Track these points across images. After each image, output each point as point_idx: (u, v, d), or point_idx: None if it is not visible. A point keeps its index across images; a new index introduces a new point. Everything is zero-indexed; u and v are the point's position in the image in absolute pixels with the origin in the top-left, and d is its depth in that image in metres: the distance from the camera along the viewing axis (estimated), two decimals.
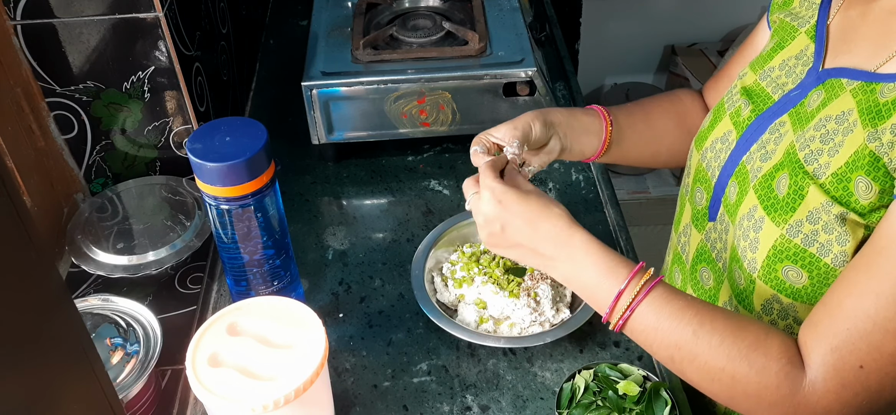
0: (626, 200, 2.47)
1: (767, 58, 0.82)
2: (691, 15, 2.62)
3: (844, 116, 0.68)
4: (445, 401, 0.86)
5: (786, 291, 0.72)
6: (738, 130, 0.80)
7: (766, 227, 0.71)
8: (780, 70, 0.79)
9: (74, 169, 1.06)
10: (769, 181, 0.73)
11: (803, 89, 0.74)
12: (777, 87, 0.78)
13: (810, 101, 0.72)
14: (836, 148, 0.67)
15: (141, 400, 0.80)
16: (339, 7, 1.28)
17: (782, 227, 0.70)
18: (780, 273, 0.71)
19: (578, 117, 0.90)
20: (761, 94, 0.80)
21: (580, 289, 0.74)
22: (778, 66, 0.80)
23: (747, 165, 0.77)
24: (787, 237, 0.70)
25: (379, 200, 1.14)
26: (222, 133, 0.79)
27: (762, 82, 0.81)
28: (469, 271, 0.95)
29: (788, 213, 0.70)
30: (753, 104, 0.80)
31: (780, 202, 0.71)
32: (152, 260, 0.96)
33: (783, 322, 0.74)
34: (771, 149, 0.75)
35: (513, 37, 1.18)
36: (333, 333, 0.94)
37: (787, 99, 0.76)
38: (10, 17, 0.91)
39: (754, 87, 0.81)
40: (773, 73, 0.80)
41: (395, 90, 1.11)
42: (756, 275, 0.73)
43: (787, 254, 0.70)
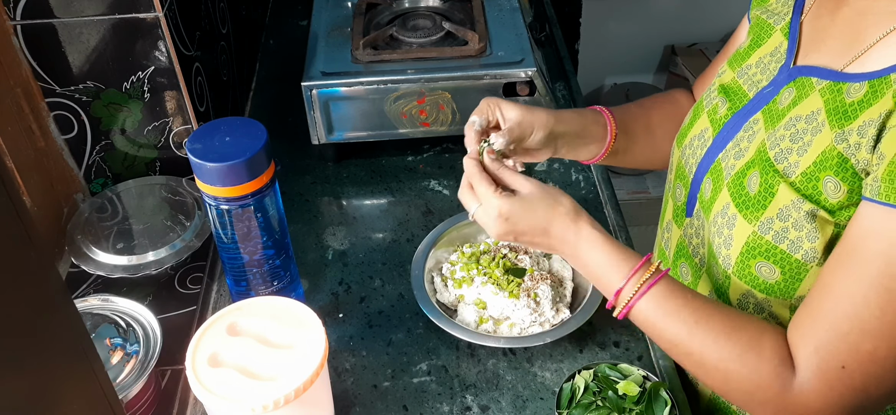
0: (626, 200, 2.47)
1: (745, 55, 0.83)
2: (691, 15, 2.62)
3: (813, 116, 0.69)
4: (445, 401, 0.86)
5: (759, 287, 0.73)
6: (715, 127, 0.81)
7: (738, 224, 0.73)
8: (755, 67, 0.80)
9: (74, 169, 1.06)
10: (741, 179, 0.74)
11: (776, 87, 0.75)
12: (752, 84, 0.79)
13: (782, 99, 0.73)
14: (805, 147, 0.68)
15: (141, 400, 0.80)
16: (339, 7, 1.28)
17: (754, 224, 0.71)
18: (754, 269, 0.72)
19: (587, 127, 0.90)
20: (738, 92, 0.81)
21: (590, 277, 0.79)
22: (754, 63, 0.81)
23: (722, 163, 0.78)
24: (759, 234, 0.71)
25: (379, 200, 1.14)
26: (222, 133, 0.79)
27: (739, 80, 0.82)
28: (469, 271, 0.95)
29: (759, 210, 0.71)
30: (730, 102, 0.81)
31: (752, 200, 0.72)
32: (152, 260, 0.96)
33: (759, 316, 0.75)
34: (744, 147, 0.75)
35: (513, 37, 1.18)
36: (333, 333, 0.94)
37: (760, 96, 0.77)
38: (10, 17, 0.91)
39: (732, 85, 0.82)
40: (749, 70, 0.81)
41: (395, 90, 1.11)
42: (731, 271, 0.75)
43: (759, 250, 0.71)
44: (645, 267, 0.73)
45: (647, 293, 0.72)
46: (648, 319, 0.73)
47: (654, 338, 0.75)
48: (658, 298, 0.72)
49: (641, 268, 0.73)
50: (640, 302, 0.73)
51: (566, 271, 0.97)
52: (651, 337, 0.75)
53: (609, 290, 0.75)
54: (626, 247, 0.76)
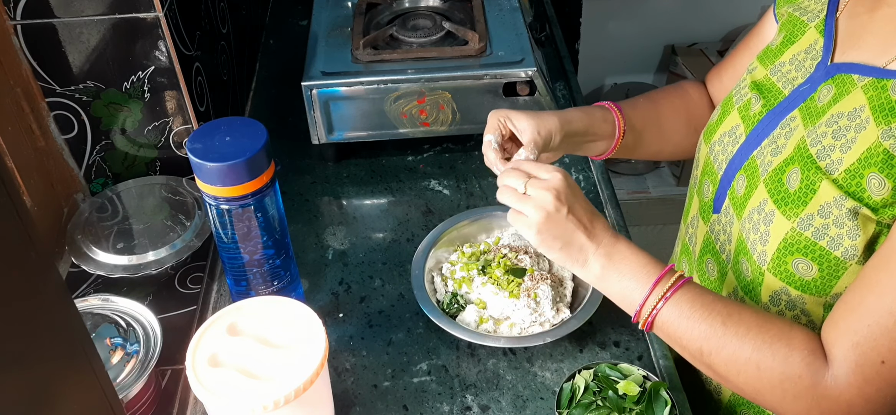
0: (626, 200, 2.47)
1: (777, 52, 0.82)
2: (691, 15, 2.62)
3: (856, 113, 0.68)
4: (445, 401, 0.86)
5: (795, 284, 0.73)
6: (748, 124, 0.80)
7: (776, 220, 0.72)
8: (790, 64, 0.79)
9: (74, 169, 1.06)
10: (780, 175, 0.73)
11: (812, 84, 0.75)
12: (787, 81, 0.79)
13: (820, 96, 0.73)
14: (848, 144, 0.68)
15: (141, 400, 0.80)
16: (339, 7, 1.28)
17: (793, 220, 0.71)
18: (790, 266, 0.72)
19: (594, 126, 0.91)
20: (772, 89, 0.80)
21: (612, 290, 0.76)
22: (788, 60, 0.80)
23: (757, 160, 0.77)
24: (798, 231, 0.71)
25: (379, 200, 1.14)
26: (222, 133, 0.79)
27: (773, 77, 0.81)
28: (469, 271, 0.95)
29: (799, 207, 0.70)
30: (764, 99, 0.80)
31: (791, 196, 0.71)
32: (152, 260, 0.96)
33: (790, 313, 0.75)
34: (781, 143, 0.75)
35: (513, 37, 1.18)
36: (333, 333, 0.94)
37: (796, 93, 0.76)
38: (10, 17, 0.91)
39: (765, 82, 0.82)
40: (783, 67, 0.80)
41: (395, 90, 1.11)
42: (765, 267, 0.74)
43: (798, 247, 0.71)
44: (668, 275, 0.73)
45: (672, 298, 0.71)
46: (675, 323, 0.72)
47: (681, 344, 0.73)
48: (687, 299, 0.71)
49: (665, 276, 0.73)
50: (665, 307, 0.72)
51: (566, 272, 0.97)
52: (678, 345, 0.74)
53: (634, 300, 0.74)
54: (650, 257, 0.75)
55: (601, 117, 0.91)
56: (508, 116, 0.87)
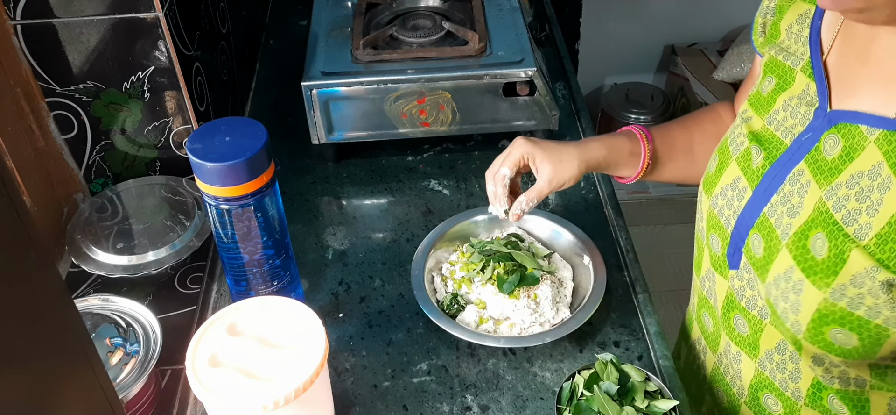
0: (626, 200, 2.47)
1: (770, 100, 0.78)
2: (691, 15, 2.62)
3: (876, 171, 0.64)
4: (445, 401, 0.86)
5: (835, 351, 0.69)
6: (751, 178, 0.76)
7: (806, 289, 0.68)
8: (784, 111, 0.75)
9: (74, 169, 1.06)
10: (803, 240, 0.69)
11: (814, 132, 0.71)
12: (786, 130, 0.75)
13: (826, 147, 0.69)
14: (874, 207, 0.64)
15: (141, 400, 0.80)
16: (339, 7, 1.28)
17: (825, 290, 0.66)
18: (828, 335, 0.68)
19: (618, 159, 0.91)
20: (772, 140, 0.76)
21: None
22: (781, 107, 0.76)
23: (770, 218, 0.73)
24: (831, 301, 0.66)
25: (379, 200, 1.14)
26: (222, 133, 0.79)
27: (770, 127, 0.77)
28: (469, 271, 0.95)
29: (830, 276, 0.66)
30: (765, 151, 0.76)
31: (820, 265, 0.67)
32: (152, 260, 0.96)
33: (836, 370, 0.73)
34: (796, 202, 0.70)
35: (513, 37, 1.18)
36: (333, 333, 0.94)
37: (799, 143, 0.72)
38: (10, 17, 0.91)
39: (763, 133, 0.77)
40: (778, 115, 0.76)
41: (395, 90, 1.11)
42: (801, 336, 0.70)
43: (834, 317, 0.67)
44: None
45: None
46: None
47: None
48: None
49: None
50: None
51: (566, 272, 0.97)
52: None
53: None
54: None
55: (628, 148, 0.91)
56: (533, 155, 0.89)
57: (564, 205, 1.12)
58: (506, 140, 1.23)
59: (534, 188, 0.90)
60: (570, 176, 0.88)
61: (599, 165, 0.90)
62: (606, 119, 2.57)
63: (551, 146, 0.90)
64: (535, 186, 0.90)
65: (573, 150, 0.89)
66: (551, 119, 1.17)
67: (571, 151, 0.89)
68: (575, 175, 0.89)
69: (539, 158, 0.89)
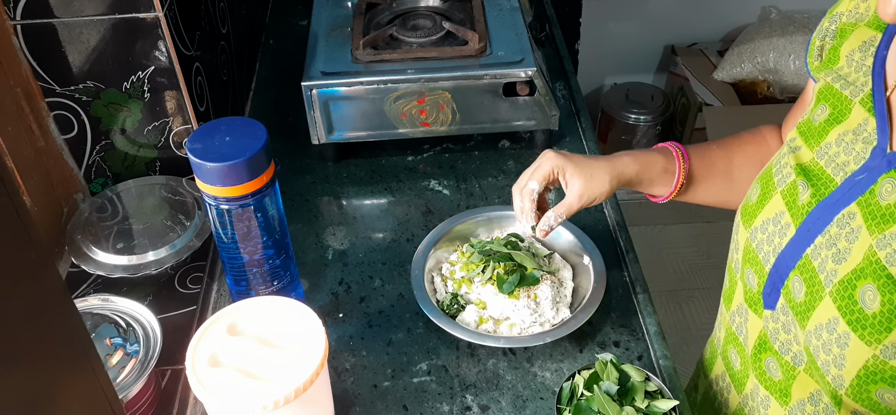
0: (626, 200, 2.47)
1: (822, 131, 0.71)
2: (691, 15, 2.63)
3: None
4: (445, 401, 0.86)
5: (880, 412, 0.65)
6: (795, 215, 0.70)
7: (853, 344, 0.63)
8: (837, 146, 0.69)
9: (74, 169, 1.06)
10: (850, 291, 0.63)
11: (870, 174, 0.65)
12: (837, 167, 0.68)
13: (882, 192, 0.63)
14: None
15: (141, 400, 0.80)
16: (339, 7, 1.28)
17: (875, 347, 0.62)
18: (874, 394, 0.64)
19: (651, 171, 0.87)
20: (821, 176, 0.69)
21: None
22: (834, 141, 0.69)
23: (813, 261, 0.67)
24: (882, 359, 0.62)
25: (379, 200, 1.14)
26: (222, 133, 0.79)
27: (820, 161, 0.70)
28: (469, 271, 0.95)
29: (882, 333, 0.61)
30: (813, 188, 0.69)
31: (870, 319, 0.62)
32: (152, 260, 0.96)
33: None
34: (843, 247, 0.65)
35: (513, 37, 1.18)
36: (333, 333, 0.94)
37: (851, 183, 0.66)
38: (10, 17, 0.91)
39: (812, 167, 0.71)
40: (830, 150, 0.70)
41: (395, 90, 1.11)
42: (842, 392, 0.66)
43: (882, 376, 0.62)
44: None
45: None
46: None
47: None
48: None
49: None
50: None
51: (566, 272, 0.97)
52: None
53: None
54: None
55: (661, 166, 0.87)
56: (563, 169, 0.86)
57: None
58: (506, 140, 1.23)
59: (563, 203, 0.86)
60: (602, 192, 0.85)
61: (631, 182, 0.87)
62: (606, 119, 2.57)
63: (582, 160, 0.87)
64: (564, 201, 0.86)
65: (605, 164, 0.86)
66: (551, 119, 1.17)
67: (603, 165, 0.86)
68: (606, 191, 0.85)
69: (570, 172, 0.85)
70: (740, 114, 2.44)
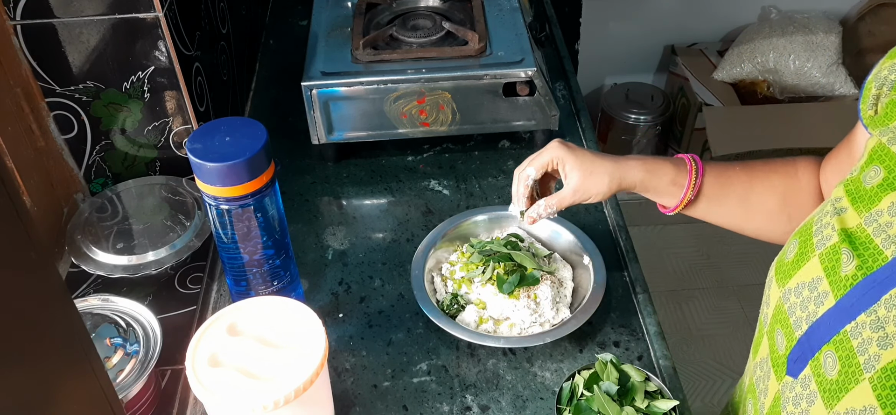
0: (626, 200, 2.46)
1: (873, 197, 0.63)
2: (691, 15, 2.62)
3: None
4: (445, 401, 0.86)
5: None
6: (836, 286, 0.63)
7: None
8: (889, 215, 0.61)
9: (74, 169, 1.06)
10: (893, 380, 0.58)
11: None
12: (888, 239, 0.61)
13: None
14: None
15: (141, 400, 0.80)
16: (339, 7, 1.28)
17: None
18: None
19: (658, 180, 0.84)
20: (869, 247, 0.62)
21: None
22: (887, 209, 0.62)
23: (853, 339, 0.61)
24: None
25: (379, 200, 1.14)
26: (222, 133, 0.79)
27: (868, 229, 0.63)
28: (469, 271, 0.95)
29: None
30: (859, 259, 0.62)
31: None
32: (152, 260, 0.96)
33: None
34: (891, 332, 0.58)
35: (513, 37, 1.18)
36: (333, 333, 0.94)
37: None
38: (10, 17, 0.91)
39: (859, 235, 0.63)
40: (881, 218, 0.62)
41: (395, 90, 1.11)
42: None
43: None
44: None
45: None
46: None
47: None
48: None
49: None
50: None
51: (566, 272, 0.97)
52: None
53: None
54: None
55: (670, 177, 0.84)
56: (564, 161, 0.84)
57: None
58: (506, 140, 1.23)
59: (556, 194, 0.86)
60: (599, 191, 0.83)
61: (634, 187, 0.84)
62: (606, 119, 2.57)
63: (586, 155, 0.85)
64: (558, 193, 0.86)
65: (608, 165, 0.84)
66: (551, 119, 1.17)
67: (606, 166, 0.84)
68: (604, 192, 0.83)
69: (570, 164, 0.84)
70: (740, 114, 2.44)
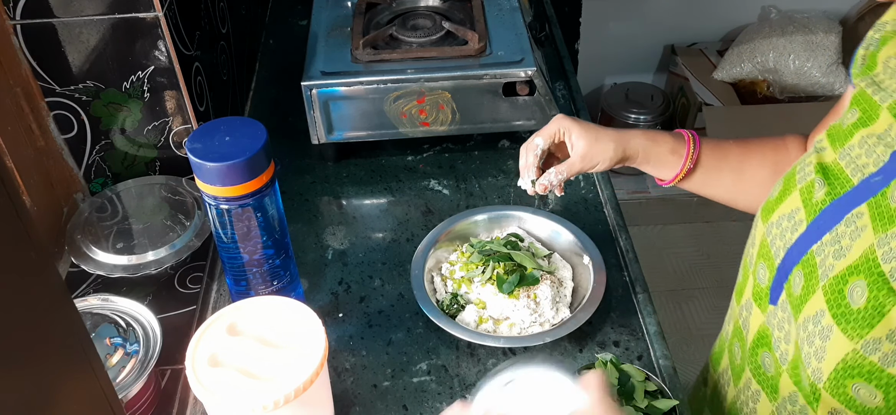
0: (626, 200, 2.47)
1: (848, 133, 0.71)
2: (691, 15, 2.63)
3: None
4: (445, 401, 0.86)
5: (855, 409, 0.65)
6: (809, 211, 0.70)
7: (834, 338, 0.64)
8: (859, 148, 0.69)
9: (74, 169, 1.06)
10: (841, 286, 0.64)
11: (885, 176, 0.64)
12: (856, 168, 0.68)
13: (894, 195, 0.63)
14: None
15: (141, 400, 0.80)
16: (339, 7, 1.28)
17: (856, 342, 0.62)
18: (850, 390, 0.64)
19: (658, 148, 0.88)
20: (839, 176, 0.69)
21: None
22: (858, 143, 0.69)
23: (816, 257, 0.67)
24: (861, 353, 0.62)
25: (379, 200, 1.14)
26: (222, 133, 0.79)
27: (841, 162, 0.70)
28: (469, 271, 0.95)
29: (864, 328, 0.62)
30: (829, 186, 0.70)
31: (855, 314, 0.63)
32: (152, 260, 0.96)
33: None
34: (845, 245, 0.65)
35: (513, 37, 1.18)
36: (333, 333, 0.94)
37: (866, 184, 0.66)
38: (10, 16, 0.91)
39: (833, 167, 0.71)
40: (852, 151, 0.69)
41: (395, 90, 1.11)
42: (821, 386, 0.67)
43: (860, 371, 0.63)
44: None
45: None
46: None
47: None
48: None
49: None
50: None
51: (566, 272, 0.97)
52: None
53: None
54: None
55: (670, 146, 0.88)
56: (570, 130, 0.87)
57: (564, 205, 1.12)
58: (506, 140, 1.23)
59: (565, 163, 0.88)
60: (605, 158, 0.86)
61: (636, 155, 0.87)
62: (606, 119, 2.57)
63: (590, 125, 0.88)
64: (567, 161, 0.88)
65: (612, 133, 0.87)
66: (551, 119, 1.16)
67: (611, 133, 0.87)
68: (610, 157, 0.86)
69: (576, 133, 0.87)
70: (740, 113, 2.44)
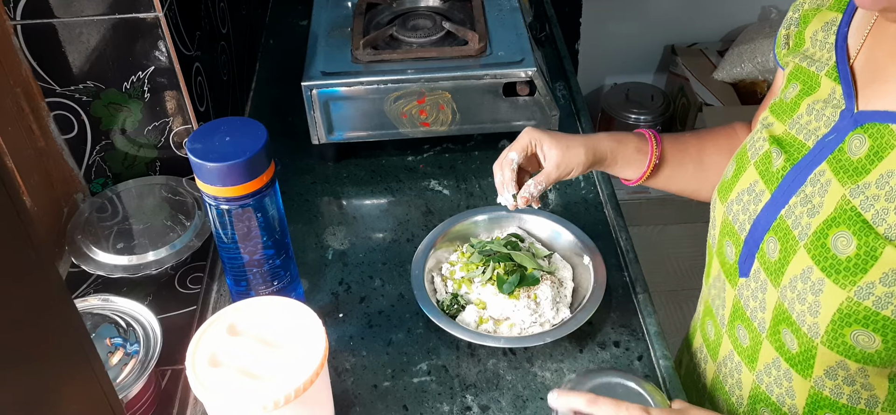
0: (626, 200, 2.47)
1: (793, 106, 0.76)
2: (691, 15, 2.62)
3: None
4: (445, 401, 0.86)
5: (855, 357, 0.68)
6: (770, 181, 0.75)
7: (827, 289, 0.67)
8: (808, 115, 0.74)
9: (74, 169, 1.06)
10: (822, 239, 0.67)
11: (839, 133, 0.69)
12: (809, 133, 0.73)
13: (851, 147, 0.67)
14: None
15: (141, 400, 0.80)
16: (339, 7, 1.28)
17: (849, 289, 0.65)
18: (848, 338, 0.67)
19: (625, 150, 0.91)
20: (794, 143, 0.74)
21: None
22: (805, 111, 0.74)
23: (787, 220, 0.71)
24: (856, 300, 0.65)
25: (379, 200, 1.14)
26: (222, 133, 0.79)
27: (792, 131, 0.75)
28: (469, 271, 0.95)
29: (857, 274, 0.65)
30: (787, 154, 0.74)
31: (844, 263, 0.66)
32: (152, 260, 0.96)
33: (849, 388, 0.71)
34: (817, 202, 0.69)
35: (513, 37, 1.18)
36: (333, 333, 0.94)
37: (822, 144, 0.70)
38: (10, 17, 0.91)
39: (785, 137, 0.75)
40: (801, 119, 0.74)
41: (395, 90, 1.11)
42: (818, 340, 0.69)
43: (856, 317, 0.66)
44: None
45: None
46: None
47: None
48: None
49: None
50: None
51: (566, 272, 0.97)
52: None
53: None
54: None
55: (635, 147, 0.91)
56: (541, 141, 0.89)
57: (564, 205, 1.12)
58: (506, 140, 1.23)
59: (541, 173, 0.89)
60: (578, 163, 0.88)
61: (605, 157, 0.90)
62: (606, 119, 2.57)
63: (559, 134, 0.90)
64: (542, 171, 0.89)
65: (581, 138, 0.90)
66: (551, 119, 1.17)
67: (580, 139, 0.90)
68: (582, 162, 0.89)
69: (546, 144, 0.89)
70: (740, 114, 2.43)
